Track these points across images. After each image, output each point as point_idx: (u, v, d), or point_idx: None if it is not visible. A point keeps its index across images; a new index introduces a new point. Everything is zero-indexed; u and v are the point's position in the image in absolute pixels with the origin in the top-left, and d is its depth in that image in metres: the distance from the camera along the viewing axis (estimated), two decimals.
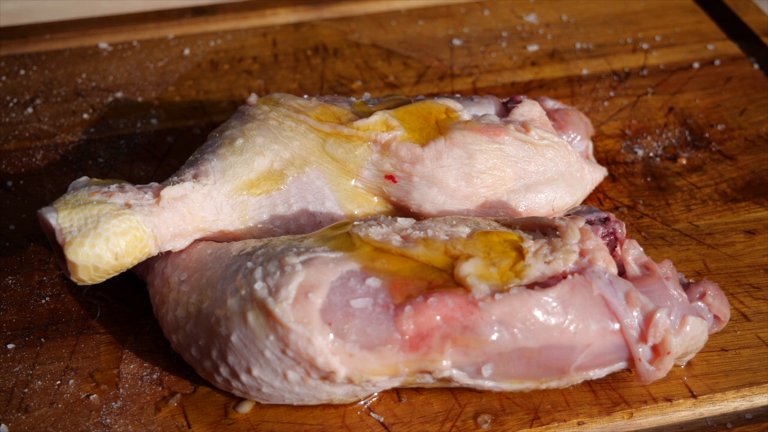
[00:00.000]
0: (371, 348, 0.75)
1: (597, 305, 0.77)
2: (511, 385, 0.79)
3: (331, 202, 0.89)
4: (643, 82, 1.19)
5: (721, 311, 0.82)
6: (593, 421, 0.80)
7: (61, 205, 0.81)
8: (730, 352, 0.86)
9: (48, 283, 0.93)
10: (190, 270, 0.83)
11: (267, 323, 0.75)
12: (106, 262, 0.80)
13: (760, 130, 1.11)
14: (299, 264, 0.77)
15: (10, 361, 0.85)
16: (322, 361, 0.75)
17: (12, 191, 1.03)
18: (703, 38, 1.26)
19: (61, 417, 0.80)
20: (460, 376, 0.78)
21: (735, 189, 1.03)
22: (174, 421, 0.80)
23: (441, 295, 0.75)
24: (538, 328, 0.76)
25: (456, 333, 0.75)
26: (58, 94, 1.18)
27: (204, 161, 0.89)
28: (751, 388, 0.83)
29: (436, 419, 0.80)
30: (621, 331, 0.77)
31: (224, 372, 0.78)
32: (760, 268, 0.94)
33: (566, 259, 0.78)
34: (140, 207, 0.82)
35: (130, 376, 0.84)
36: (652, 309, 0.78)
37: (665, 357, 0.77)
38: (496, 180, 0.90)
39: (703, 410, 0.82)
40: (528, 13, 1.31)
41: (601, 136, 1.10)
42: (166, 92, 1.18)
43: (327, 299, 0.75)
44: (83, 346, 0.87)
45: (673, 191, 1.03)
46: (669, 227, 0.99)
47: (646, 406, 0.81)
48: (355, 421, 0.80)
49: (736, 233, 0.98)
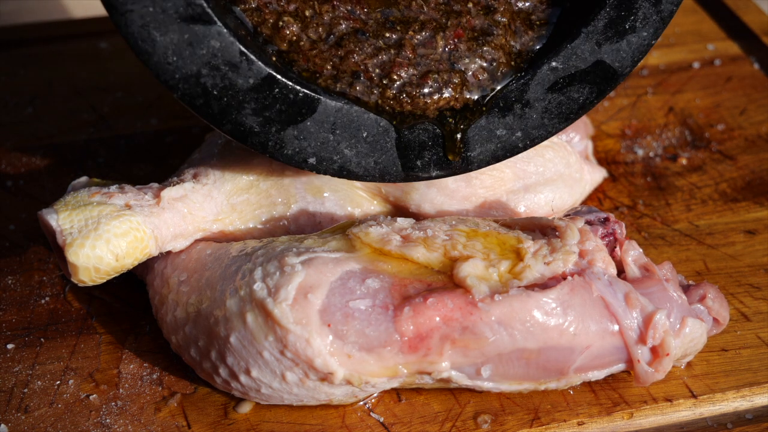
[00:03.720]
0: (370, 349, 0.75)
1: (596, 306, 0.77)
2: (510, 386, 0.79)
3: (330, 202, 0.89)
4: (643, 82, 1.19)
5: (720, 314, 0.82)
6: (593, 421, 0.80)
7: (61, 206, 0.81)
8: (730, 352, 0.86)
9: (48, 283, 0.93)
10: (189, 270, 0.83)
11: (266, 324, 0.75)
12: (107, 263, 0.80)
13: (761, 130, 1.11)
14: (299, 264, 0.77)
15: (10, 361, 0.85)
16: (320, 362, 0.75)
17: (12, 191, 1.03)
18: (703, 38, 1.26)
19: (60, 417, 0.80)
20: (459, 377, 0.78)
21: (735, 189, 1.03)
22: (174, 421, 0.80)
23: (440, 295, 0.75)
24: (537, 329, 0.76)
25: (455, 334, 0.75)
26: (58, 94, 1.18)
27: (204, 161, 0.89)
28: (751, 388, 0.83)
29: (436, 419, 0.80)
30: (620, 333, 0.77)
31: (223, 373, 0.79)
32: (760, 268, 0.94)
33: (566, 260, 0.78)
34: (140, 208, 0.82)
35: (130, 376, 0.84)
36: (651, 310, 0.78)
37: (664, 358, 0.77)
38: (495, 180, 0.90)
39: (704, 410, 0.82)
40: None
41: (601, 136, 1.10)
42: (166, 92, 1.18)
43: (326, 300, 0.75)
44: (83, 346, 0.87)
45: (673, 191, 1.03)
46: (669, 227, 0.99)
47: (646, 406, 0.81)
48: (355, 422, 0.80)
49: (737, 233, 0.98)
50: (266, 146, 0.77)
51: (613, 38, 0.79)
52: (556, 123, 0.81)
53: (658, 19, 0.79)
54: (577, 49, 0.80)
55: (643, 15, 0.79)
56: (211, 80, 0.74)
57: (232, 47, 0.73)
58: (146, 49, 0.72)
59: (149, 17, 0.71)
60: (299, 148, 0.78)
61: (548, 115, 0.81)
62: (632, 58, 0.80)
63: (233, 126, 0.76)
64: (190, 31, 0.72)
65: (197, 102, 0.74)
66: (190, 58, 0.73)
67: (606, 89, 0.81)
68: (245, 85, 0.74)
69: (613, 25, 0.79)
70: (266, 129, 0.76)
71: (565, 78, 0.80)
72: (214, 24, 0.72)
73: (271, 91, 0.75)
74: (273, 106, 0.76)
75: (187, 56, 0.73)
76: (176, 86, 0.74)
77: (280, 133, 0.77)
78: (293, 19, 0.77)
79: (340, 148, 0.78)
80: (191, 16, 0.72)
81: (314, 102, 0.76)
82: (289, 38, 0.77)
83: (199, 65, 0.73)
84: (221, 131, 0.76)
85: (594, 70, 0.80)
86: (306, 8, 0.78)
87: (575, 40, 0.80)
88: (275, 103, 0.76)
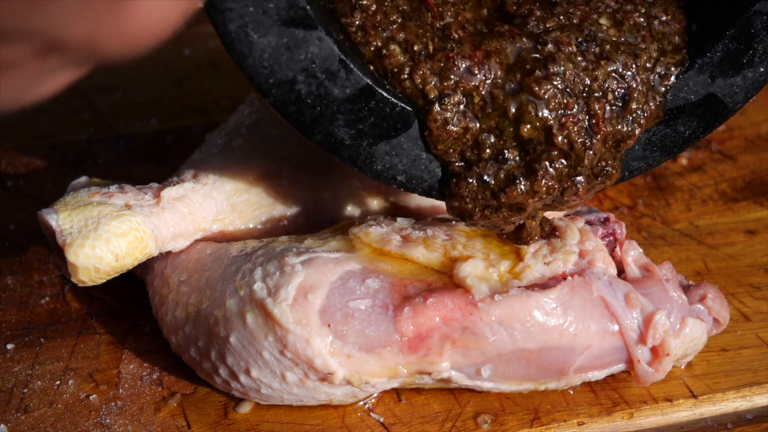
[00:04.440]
0: (370, 349, 0.75)
1: (596, 307, 0.77)
2: (510, 386, 0.79)
3: (330, 203, 0.89)
4: None
5: (720, 314, 0.82)
6: (593, 421, 0.80)
7: (61, 206, 0.81)
8: (730, 352, 0.86)
9: (48, 283, 0.93)
10: (189, 270, 0.83)
11: (266, 324, 0.75)
12: (107, 263, 0.80)
13: (761, 129, 1.11)
14: (299, 264, 0.77)
15: (10, 361, 0.85)
16: (320, 362, 0.75)
17: (12, 191, 1.03)
18: None
19: (60, 417, 0.80)
20: (459, 377, 0.78)
21: (735, 189, 1.03)
22: (174, 421, 0.80)
23: (440, 295, 0.75)
24: (537, 330, 0.76)
25: (455, 334, 0.75)
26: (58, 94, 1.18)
27: (204, 161, 0.89)
28: (751, 388, 0.82)
29: (436, 419, 0.80)
30: (620, 333, 0.77)
31: (223, 373, 0.78)
32: (760, 268, 0.94)
33: (565, 260, 0.78)
34: (140, 208, 0.82)
35: (129, 376, 0.84)
36: (651, 311, 0.78)
37: (664, 359, 0.77)
38: None
39: (704, 410, 0.82)
40: None
41: None
42: (166, 92, 1.18)
43: (326, 300, 0.75)
44: (83, 346, 0.87)
45: (673, 191, 1.03)
46: (669, 227, 0.99)
47: (646, 406, 0.81)
48: (355, 422, 0.80)
49: (737, 233, 0.98)
50: (356, 160, 0.73)
51: (728, 72, 0.75)
52: (658, 156, 0.77)
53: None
54: (690, 81, 0.76)
55: (763, 49, 0.75)
56: (306, 87, 0.69)
57: (331, 54, 0.69)
58: (242, 50, 0.67)
59: (248, 17, 0.67)
60: (390, 164, 0.74)
61: (650, 148, 0.77)
62: (745, 93, 0.76)
63: (324, 137, 0.72)
64: (289, 35, 0.67)
65: (289, 109, 0.70)
66: (287, 63, 0.68)
67: (714, 124, 0.77)
68: (341, 95, 0.70)
69: (730, 58, 0.75)
70: (358, 142, 0.73)
71: (673, 110, 0.76)
72: (316, 29, 0.68)
73: (367, 103, 0.71)
74: (367, 119, 0.72)
75: (284, 61, 0.68)
76: (269, 91, 0.69)
77: (371, 147, 0.73)
78: (401, 51, 0.72)
79: (431, 167, 0.75)
80: (293, 19, 0.67)
81: (410, 117, 0.73)
82: (390, 69, 0.72)
83: (296, 71, 0.69)
84: (311, 141, 0.73)
85: (704, 103, 0.76)
86: (417, 41, 0.73)
87: (689, 72, 0.75)
88: (370, 116, 0.72)
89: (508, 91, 0.72)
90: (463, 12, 0.75)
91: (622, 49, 0.74)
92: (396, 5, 0.73)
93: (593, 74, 0.73)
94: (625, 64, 0.74)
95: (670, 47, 0.76)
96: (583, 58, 0.73)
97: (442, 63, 0.72)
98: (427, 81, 0.71)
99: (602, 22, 0.75)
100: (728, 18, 0.75)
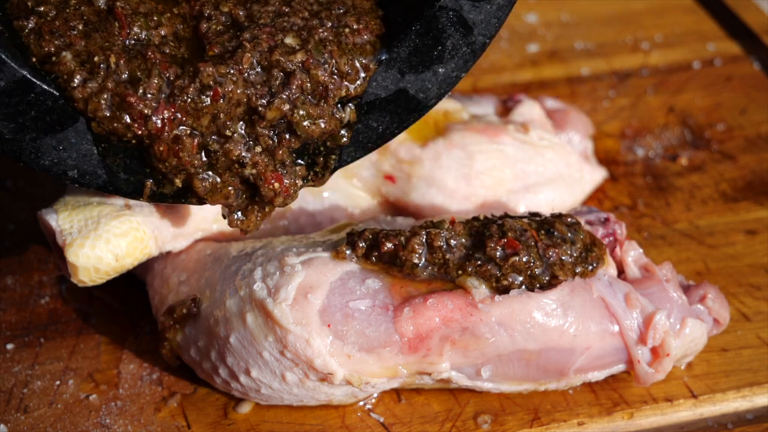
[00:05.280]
0: (370, 350, 0.75)
1: (597, 307, 0.77)
2: (510, 386, 0.79)
3: (330, 202, 0.89)
4: (643, 82, 1.19)
5: (720, 314, 0.82)
6: (593, 421, 0.80)
7: (61, 206, 0.81)
8: (730, 352, 0.86)
9: (47, 283, 0.93)
10: (189, 271, 0.83)
11: (266, 324, 0.75)
12: (107, 263, 0.80)
13: (761, 129, 1.11)
14: (299, 264, 0.77)
15: (10, 361, 0.85)
16: (320, 362, 0.74)
17: (12, 191, 1.03)
18: (703, 38, 1.26)
19: (60, 417, 0.80)
20: (459, 378, 0.77)
21: (735, 189, 1.03)
22: (174, 421, 0.80)
23: (440, 296, 0.75)
24: (537, 330, 0.76)
25: (455, 335, 0.75)
26: None
27: None
28: (751, 389, 0.82)
29: (436, 419, 0.80)
30: (620, 333, 0.77)
31: (223, 373, 0.78)
32: (760, 268, 0.94)
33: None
34: (140, 208, 0.82)
35: (129, 376, 0.84)
36: (651, 311, 0.78)
37: (664, 359, 0.77)
38: (495, 180, 0.90)
39: (704, 410, 0.82)
40: (528, 13, 1.31)
41: (601, 136, 1.10)
42: None
43: (326, 300, 0.75)
44: (83, 346, 0.87)
45: (674, 191, 1.03)
46: (669, 227, 0.99)
47: (646, 406, 0.81)
48: (355, 422, 0.80)
49: (737, 233, 0.98)
50: (20, 155, 0.70)
51: (418, 67, 0.74)
52: (352, 152, 0.77)
53: (468, 51, 0.74)
54: (378, 77, 0.74)
55: (452, 45, 0.74)
56: None
57: None
58: None
59: None
60: (58, 159, 0.71)
61: (349, 144, 0.76)
62: (438, 89, 0.75)
63: None
64: None
65: None
66: None
67: (408, 119, 0.76)
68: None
69: (418, 53, 0.74)
70: (20, 136, 0.70)
71: (364, 106, 0.75)
72: None
73: (25, 96, 0.68)
74: (28, 112, 0.69)
75: None
76: None
77: (36, 142, 0.70)
78: (76, 63, 0.70)
79: (105, 161, 0.72)
80: None
81: (75, 110, 0.70)
82: (63, 75, 0.70)
83: None
84: None
85: (396, 99, 0.75)
86: (99, 52, 0.70)
87: (378, 67, 0.75)
88: (30, 109, 0.69)
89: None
90: (158, 29, 0.73)
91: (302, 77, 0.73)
92: (80, 13, 0.71)
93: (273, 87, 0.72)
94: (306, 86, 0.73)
95: (362, 53, 0.75)
96: (266, 78, 0.72)
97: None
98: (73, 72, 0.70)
99: (288, 42, 0.73)
100: (416, 14, 0.74)
